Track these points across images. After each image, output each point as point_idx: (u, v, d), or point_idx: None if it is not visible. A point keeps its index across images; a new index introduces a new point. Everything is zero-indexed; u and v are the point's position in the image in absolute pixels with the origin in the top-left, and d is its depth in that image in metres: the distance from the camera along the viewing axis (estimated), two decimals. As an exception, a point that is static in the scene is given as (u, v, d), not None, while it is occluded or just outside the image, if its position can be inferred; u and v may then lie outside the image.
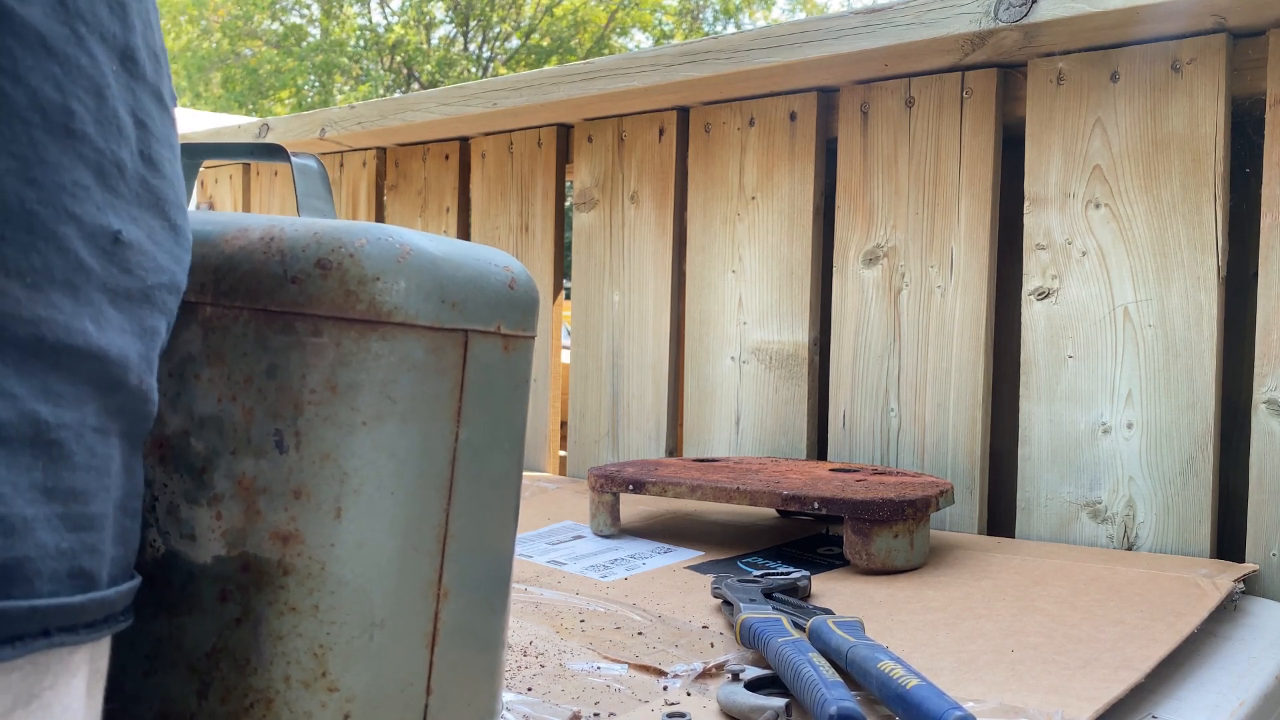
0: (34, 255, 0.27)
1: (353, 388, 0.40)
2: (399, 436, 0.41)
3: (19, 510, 0.27)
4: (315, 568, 0.39)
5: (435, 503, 0.42)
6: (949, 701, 0.51)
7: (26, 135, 0.27)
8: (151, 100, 0.33)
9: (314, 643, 0.39)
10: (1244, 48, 0.97)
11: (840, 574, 0.89)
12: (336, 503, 0.39)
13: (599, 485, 1.04)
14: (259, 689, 0.39)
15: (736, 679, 0.59)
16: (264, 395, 0.40)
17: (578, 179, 1.45)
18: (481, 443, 0.44)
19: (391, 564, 0.41)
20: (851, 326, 1.19)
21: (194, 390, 0.41)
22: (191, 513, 0.41)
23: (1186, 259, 0.98)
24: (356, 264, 0.40)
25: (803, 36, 1.11)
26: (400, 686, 0.41)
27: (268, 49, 14.34)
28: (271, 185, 1.91)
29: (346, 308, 0.39)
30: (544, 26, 14.26)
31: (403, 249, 0.41)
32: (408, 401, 0.41)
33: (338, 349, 0.39)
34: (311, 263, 0.40)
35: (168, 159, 0.34)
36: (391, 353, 0.40)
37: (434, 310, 0.41)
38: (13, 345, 0.27)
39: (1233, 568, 0.89)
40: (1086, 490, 1.02)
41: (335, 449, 0.39)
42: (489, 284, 0.44)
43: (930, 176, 1.14)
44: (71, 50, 0.29)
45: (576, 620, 0.74)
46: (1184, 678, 0.68)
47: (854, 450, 1.19)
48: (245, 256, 0.40)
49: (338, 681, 0.40)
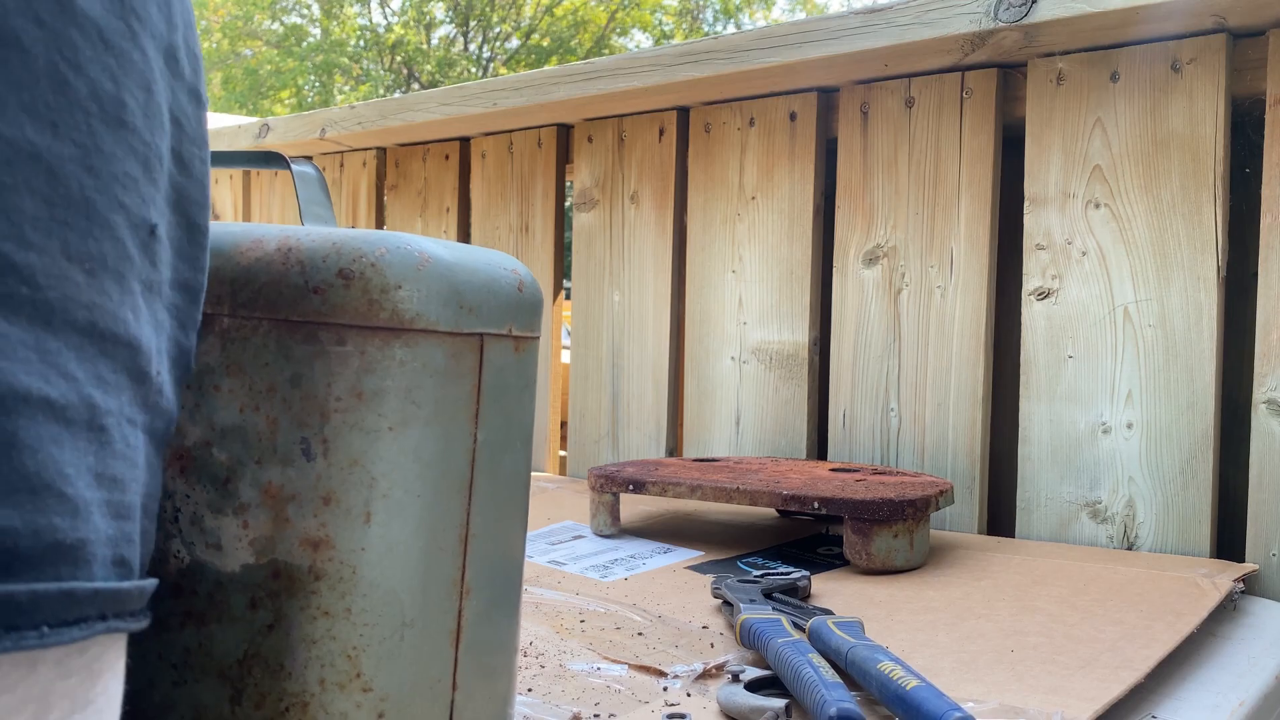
0: (91, 242, 0.28)
1: (378, 394, 0.40)
2: (423, 440, 0.41)
3: (82, 493, 0.27)
4: (347, 572, 0.40)
5: (457, 503, 0.43)
6: (948, 702, 0.51)
7: (86, 124, 0.28)
8: (189, 99, 0.34)
9: (347, 645, 0.40)
10: (1244, 48, 0.97)
11: (840, 574, 0.89)
12: (366, 507, 0.40)
13: (599, 485, 1.04)
14: (294, 693, 0.40)
15: (736, 680, 0.59)
16: (289, 404, 0.40)
17: (578, 179, 1.45)
18: (497, 443, 0.45)
19: (419, 565, 0.42)
20: (851, 326, 1.19)
21: (214, 401, 0.41)
22: (217, 522, 0.41)
23: (1186, 259, 0.98)
24: (379, 273, 0.40)
25: (803, 36, 1.11)
26: (429, 684, 0.42)
27: (268, 49, 14.34)
28: (272, 187, 1.91)
29: (370, 316, 0.40)
30: (544, 26, 14.26)
31: (421, 257, 0.41)
32: (430, 405, 0.41)
33: (362, 357, 0.40)
34: (333, 273, 0.40)
35: (198, 158, 0.35)
36: (414, 359, 0.41)
37: (452, 316, 0.42)
38: (73, 329, 0.28)
39: (1233, 568, 0.89)
40: (1086, 490, 1.02)
41: (363, 455, 0.40)
42: (500, 288, 0.44)
43: (930, 176, 1.14)
44: (126, 45, 0.30)
45: (576, 620, 0.74)
46: (1184, 678, 0.68)
47: (854, 450, 1.19)
48: (263, 268, 0.41)
49: (371, 682, 0.40)
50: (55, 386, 0.27)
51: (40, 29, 0.27)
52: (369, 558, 0.40)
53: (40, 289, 0.26)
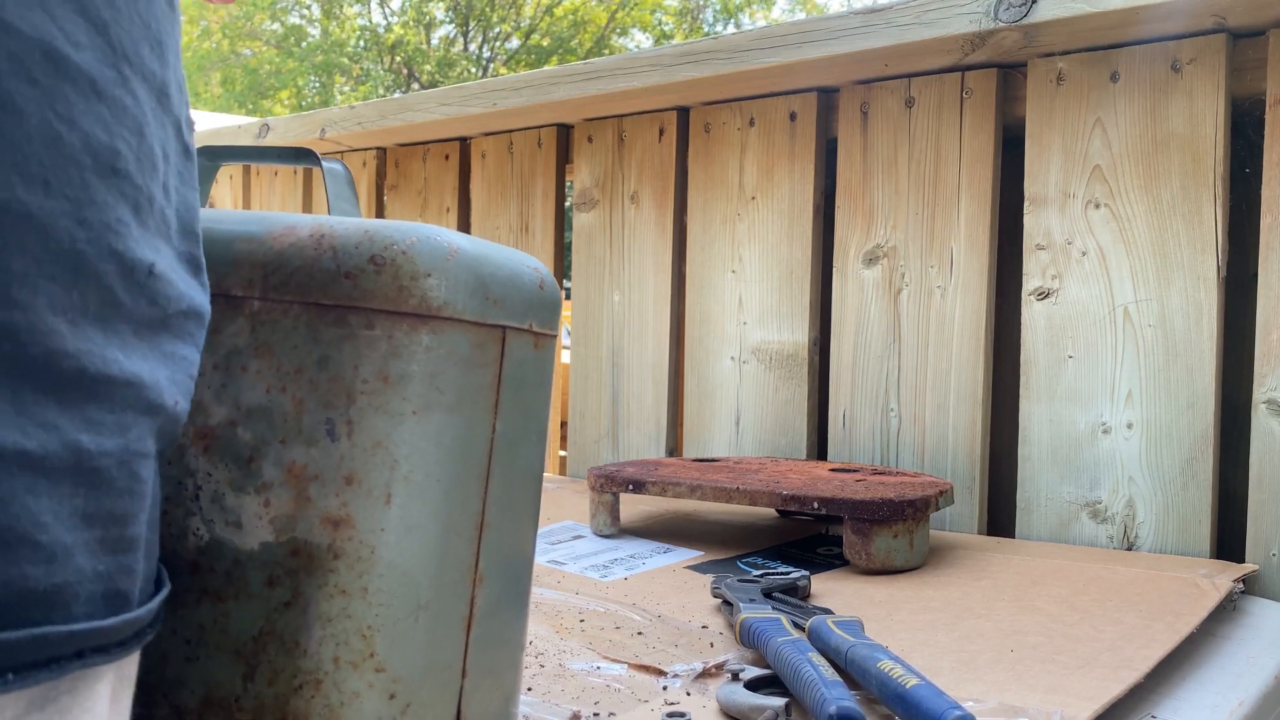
0: (75, 293, 0.28)
1: (404, 378, 0.41)
2: (445, 426, 0.42)
3: (59, 538, 0.28)
4: (365, 551, 0.40)
5: (474, 491, 0.44)
6: (948, 701, 0.51)
7: (80, 177, 0.28)
8: (175, 132, 0.34)
9: (363, 624, 0.40)
10: (1244, 48, 0.97)
11: (840, 574, 0.89)
12: (387, 489, 0.41)
13: (599, 485, 1.04)
14: (308, 670, 0.40)
15: (736, 678, 0.59)
16: (315, 386, 0.41)
17: (578, 179, 1.45)
18: (514, 435, 0.45)
19: (436, 549, 0.42)
20: (851, 326, 1.19)
21: (241, 382, 0.42)
22: (238, 501, 0.42)
23: (1186, 259, 0.98)
24: (409, 261, 0.41)
25: (803, 36, 1.12)
26: (441, 669, 0.43)
27: (268, 49, 14.34)
28: (271, 185, 1.91)
29: (399, 302, 0.41)
30: (544, 26, 14.26)
31: (450, 248, 0.42)
32: (453, 393, 0.42)
33: (390, 341, 0.41)
34: (365, 259, 0.41)
35: (189, 187, 0.35)
36: (440, 345, 0.42)
37: (478, 306, 0.43)
38: (56, 380, 0.28)
39: (1232, 568, 0.89)
40: (1086, 490, 1.02)
41: (386, 437, 0.41)
42: (523, 283, 0.45)
43: (930, 176, 1.14)
44: (118, 92, 0.30)
45: (576, 620, 0.74)
46: (1183, 678, 0.68)
47: (854, 450, 1.19)
48: (296, 253, 0.42)
49: (385, 662, 0.41)
50: (32, 438, 0.27)
51: (33, 88, 0.27)
52: (388, 538, 0.41)
53: (23, 345, 0.27)
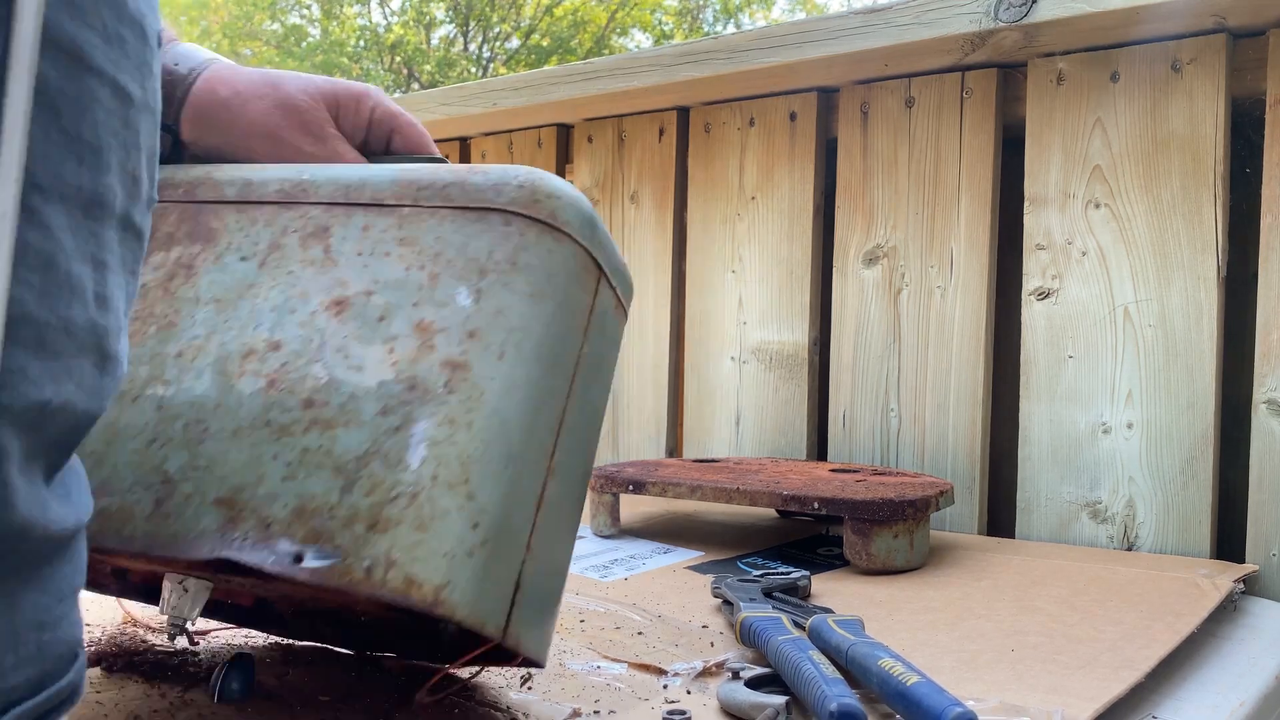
0: None
1: (529, 267, 0.49)
2: (553, 317, 0.49)
3: None
4: (476, 393, 0.46)
5: (561, 388, 0.49)
6: (949, 698, 0.51)
7: None
8: (118, 231, 0.33)
9: (464, 452, 0.45)
10: (1244, 48, 0.97)
11: (840, 574, 0.89)
12: (502, 347, 0.47)
13: (599, 485, 1.04)
14: (407, 483, 0.44)
15: (737, 677, 0.59)
16: (452, 264, 0.49)
17: (578, 179, 1.45)
18: (591, 369, 0.51)
19: (529, 416, 0.47)
20: (851, 326, 1.19)
21: (382, 264, 0.50)
22: (363, 350, 0.47)
23: (1186, 259, 0.98)
24: (544, 183, 0.50)
25: (803, 36, 1.11)
26: (514, 530, 0.46)
27: (268, 49, 14.35)
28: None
29: (534, 209, 0.50)
30: (544, 26, 14.26)
31: (573, 188, 0.51)
32: (561, 294, 0.49)
33: (521, 237, 0.49)
34: (509, 179, 0.50)
35: (121, 285, 0.34)
36: (558, 252, 0.50)
37: (588, 236, 0.51)
38: None
39: (1233, 568, 0.89)
40: (1086, 490, 1.02)
41: (508, 308, 0.48)
42: (615, 250, 0.54)
43: (930, 176, 1.14)
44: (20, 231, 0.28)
45: (576, 620, 0.74)
46: (1184, 678, 0.68)
47: (854, 450, 1.19)
48: (450, 174, 0.51)
49: (476, 492, 0.44)
50: None
51: None
52: (495, 386, 0.46)
53: None
